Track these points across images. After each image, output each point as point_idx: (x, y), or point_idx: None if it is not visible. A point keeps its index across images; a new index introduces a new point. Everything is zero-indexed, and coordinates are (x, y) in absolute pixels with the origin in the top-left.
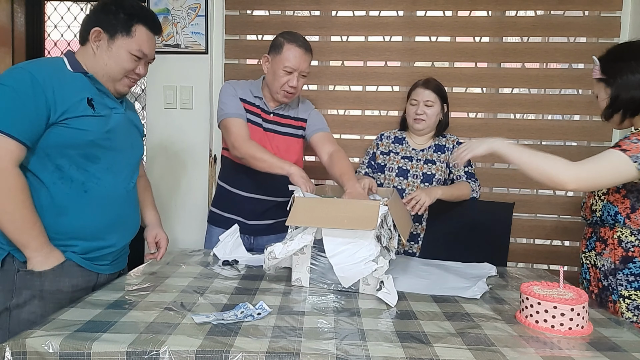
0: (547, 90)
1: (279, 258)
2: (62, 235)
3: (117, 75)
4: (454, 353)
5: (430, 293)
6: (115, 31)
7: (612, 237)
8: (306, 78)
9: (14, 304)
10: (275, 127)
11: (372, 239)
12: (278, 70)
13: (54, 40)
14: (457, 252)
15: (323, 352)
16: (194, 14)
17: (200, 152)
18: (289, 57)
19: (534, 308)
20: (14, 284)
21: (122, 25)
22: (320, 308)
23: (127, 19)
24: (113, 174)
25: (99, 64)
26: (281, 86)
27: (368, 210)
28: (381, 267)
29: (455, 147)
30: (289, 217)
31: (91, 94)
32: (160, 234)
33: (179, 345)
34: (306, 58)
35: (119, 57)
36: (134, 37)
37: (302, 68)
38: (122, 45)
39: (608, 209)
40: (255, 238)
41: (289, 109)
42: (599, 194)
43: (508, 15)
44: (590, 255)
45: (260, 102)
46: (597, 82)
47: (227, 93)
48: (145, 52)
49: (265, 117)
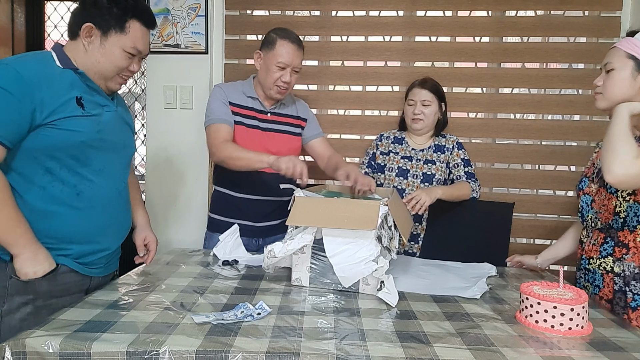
0: (547, 90)
1: (279, 257)
2: (55, 239)
3: (110, 73)
4: (453, 353)
5: (430, 293)
6: (108, 27)
7: (633, 241)
8: (298, 74)
9: (5, 310)
10: (275, 127)
11: (373, 239)
12: (271, 65)
13: (54, 40)
14: (457, 252)
15: (323, 352)
16: (194, 14)
17: (201, 152)
18: (282, 52)
19: (533, 308)
20: (6, 290)
21: (115, 21)
22: (320, 308)
23: (120, 15)
24: (105, 175)
25: (90, 60)
26: (274, 82)
27: (368, 210)
28: (381, 267)
29: (455, 147)
30: (289, 216)
31: (81, 92)
32: (149, 236)
33: (178, 345)
34: (299, 54)
35: (112, 55)
36: (128, 33)
37: (295, 64)
38: (116, 42)
39: (635, 210)
40: (264, 239)
41: (285, 107)
42: (623, 194)
43: (508, 15)
44: (606, 261)
45: (255, 103)
46: (628, 58)
47: (214, 98)
48: (140, 49)
49: (262, 117)
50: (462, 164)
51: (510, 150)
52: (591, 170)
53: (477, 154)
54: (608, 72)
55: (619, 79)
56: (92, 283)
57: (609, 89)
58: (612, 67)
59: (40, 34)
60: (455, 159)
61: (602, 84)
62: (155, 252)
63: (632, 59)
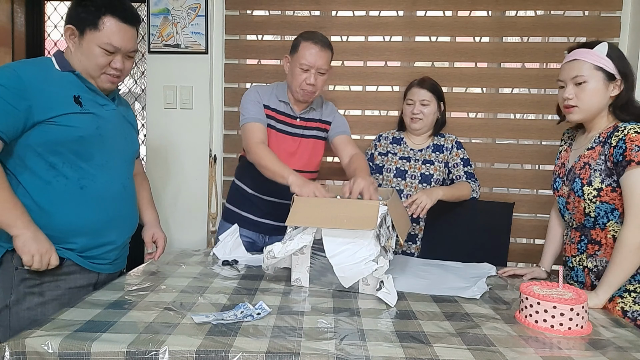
0: (547, 90)
1: (278, 257)
2: (61, 232)
3: (93, 71)
4: (453, 353)
5: (430, 293)
6: (84, 26)
7: (605, 237)
8: (326, 76)
9: (13, 301)
10: (304, 132)
11: (372, 238)
12: (295, 68)
13: (54, 40)
14: (456, 253)
15: (323, 352)
16: (194, 14)
17: (200, 152)
18: (305, 54)
19: (533, 308)
20: (12, 281)
21: (90, 19)
22: (319, 308)
23: (93, 11)
24: (108, 170)
25: (76, 61)
26: (299, 84)
27: (368, 210)
28: (381, 267)
29: (454, 146)
30: (289, 217)
31: (80, 91)
32: (157, 233)
33: (178, 345)
34: (322, 55)
35: (90, 53)
36: (102, 30)
37: (318, 65)
38: (91, 39)
39: (604, 208)
40: (270, 237)
41: (313, 112)
42: (590, 197)
43: (508, 15)
44: (582, 257)
45: (286, 107)
46: (596, 69)
47: (249, 98)
48: (116, 45)
49: (292, 122)
50: (461, 163)
51: (510, 150)
52: (562, 171)
53: (477, 154)
54: (579, 84)
55: (593, 90)
56: (99, 279)
57: (585, 101)
58: (584, 79)
59: (40, 34)
60: (455, 158)
61: (574, 97)
62: (163, 249)
63: (600, 70)
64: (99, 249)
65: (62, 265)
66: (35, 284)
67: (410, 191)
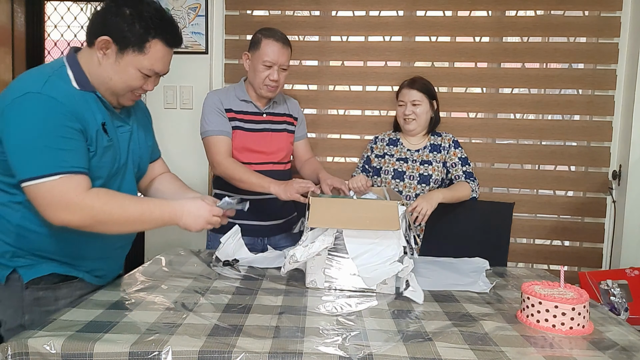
0: (547, 90)
1: (301, 261)
2: (70, 257)
3: (121, 91)
4: (455, 352)
5: (436, 289)
6: (126, 45)
7: None
8: (287, 72)
9: (27, 321)
10: (272, 126)
11: (396, 239)
12: (258, 65)
13: (54, 40)
14: (456, 252)
15: (326, 352)
16: (194, 14)
17: (201, 152)
18: (267, 51)
19: (535, 307)
20: (23, 301)
21: (135, 40)
22: (322, 308)
23: (142, 33)
24: None
25: (102, 75)
26: (263, 81)
27: (387, 210)
28: (407, 267)
29: (452, 146)
30: (309, 219)
31: (104, 116)
32: None
33: (181, 345)
34: (284, 51)
35: (126, 74)
36: (147, 54)
37: (281, 61)
38: (132, 61)
39: None
40: (269, 239)
41: (278, 106)
42: None
43: (508, 15)
44: None
45: (249, 106)
46: None
47: (209, 107)
48: (158, 71)
49: (259, 118)
50: (459, 163)
51: (510, 150)
52: None
53: (477, 154)
54: None
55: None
56: None
57: None
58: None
59: (40, 34)
60: (453, 158)
61: None
62: None
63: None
64: (104, 270)
65: (75, 283)
66: (50, 302)
67: (409, 192)
